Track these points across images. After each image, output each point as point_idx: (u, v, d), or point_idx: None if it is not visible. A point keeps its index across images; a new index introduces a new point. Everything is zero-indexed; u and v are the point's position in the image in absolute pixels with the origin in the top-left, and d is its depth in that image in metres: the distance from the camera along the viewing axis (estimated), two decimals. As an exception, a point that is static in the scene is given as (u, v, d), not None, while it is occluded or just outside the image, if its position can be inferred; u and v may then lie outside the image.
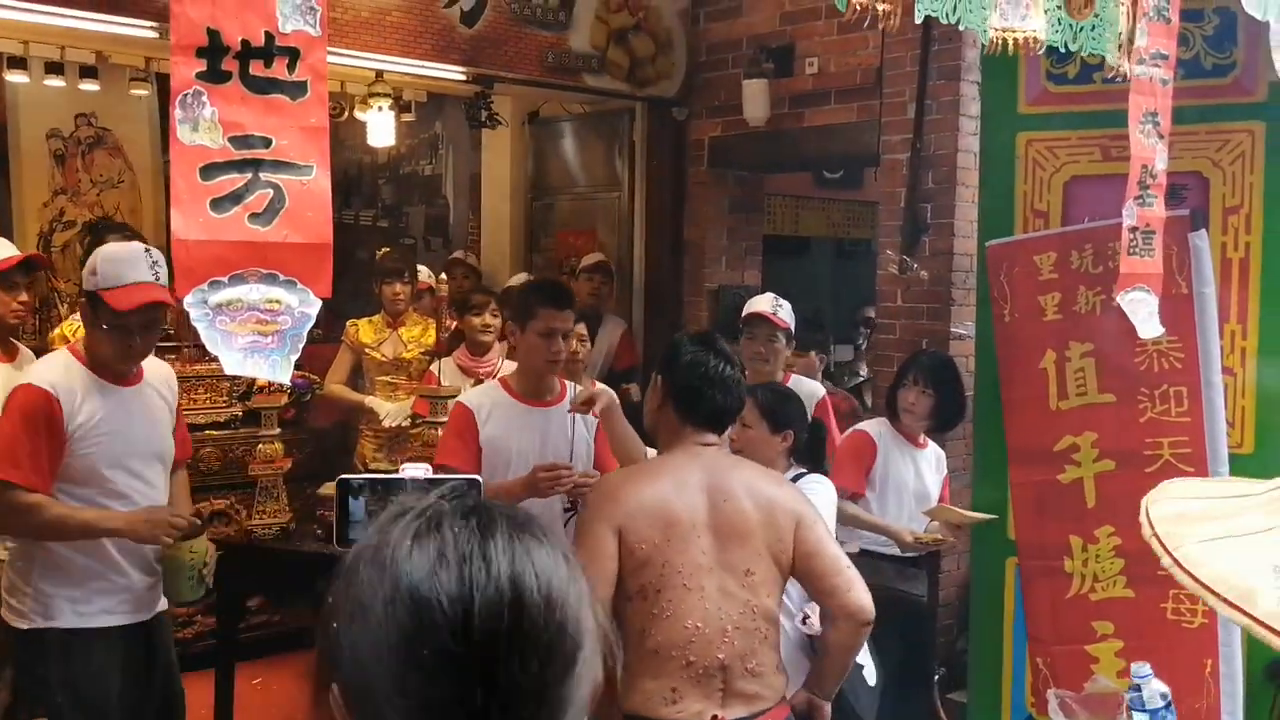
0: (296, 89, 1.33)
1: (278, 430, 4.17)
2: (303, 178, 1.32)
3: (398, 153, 9.23)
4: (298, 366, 5.41)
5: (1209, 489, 1.51)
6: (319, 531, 3.99)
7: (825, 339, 6.48)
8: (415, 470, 1.63)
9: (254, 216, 1.30)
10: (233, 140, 1.30)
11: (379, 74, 5.77)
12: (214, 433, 4.97)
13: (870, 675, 3.31)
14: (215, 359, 4.60)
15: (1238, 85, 3.57)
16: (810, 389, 4.29)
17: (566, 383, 3.57)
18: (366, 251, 7.18)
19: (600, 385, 3.40)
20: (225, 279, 1.27)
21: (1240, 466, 3.46)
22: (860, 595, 2.58)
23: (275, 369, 1.31)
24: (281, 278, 1.28)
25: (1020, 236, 3.81)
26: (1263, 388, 3.55)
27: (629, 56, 5.97)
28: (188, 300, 1.28)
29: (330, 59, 5.17)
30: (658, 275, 6.42)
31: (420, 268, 6.16)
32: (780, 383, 4.25)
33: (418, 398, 4.69)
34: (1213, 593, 1.29)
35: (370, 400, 5.23)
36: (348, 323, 5.48)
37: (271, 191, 1.31)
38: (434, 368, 5.09)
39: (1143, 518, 1.43)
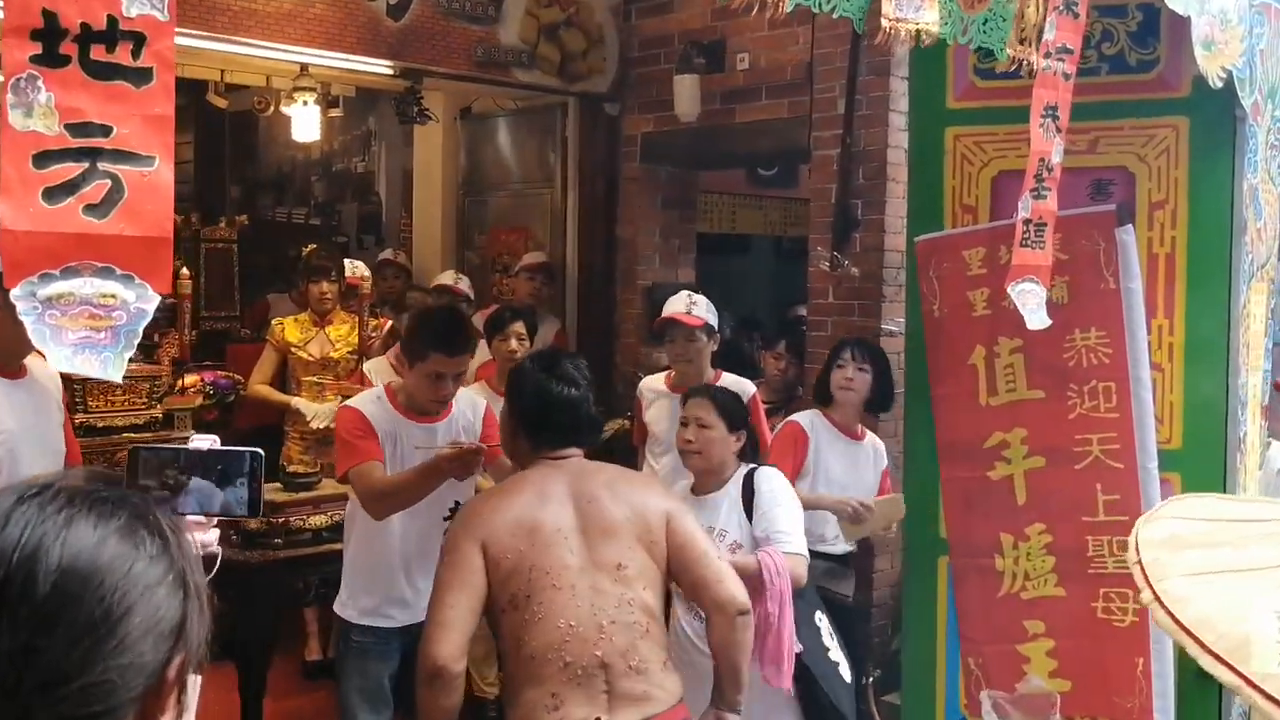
0: (140, 76, 1.24)
1: (193, 433, 4.05)
2: (144, 169, 1.23)
3: (330, 149, 9.11)
4: (221, 366, 5.24)
5: (1217, 508, 1.26)
6: (234, 536, 3.87)
7: (758, 339, 6.41)
8: (201, 441, 1.66)
9: (90, 208, 1.21)
10: (70, 128, 1.20)
11: (304, 67, 5.64)
12: (132, 435, 4.81)
13: (845, 672, 3.31)
14: (134, 358, 4.45)
15: (1161, 81, 3.55)
16: (741, 387, 4.24)
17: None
18: (298, 250, 7.06)
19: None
20: (57, 271, 1.19)
21: (1169, 462, 3.44)
22: (730, 587, 2.57)
23: (107, 366, 1.22)
24: (118, 272, 1.20)
25: (949, 231, 3.76)
26: (1190, 383, 3.53)
27: (560, 51, 5.89)
28: (15, 293, 1.19)
29: (253, 51, 5.04)
30: (591, 272, 6.35)
31: (358, 264, 6.08)
32: (712, 382, 4.21)
33: (340, 399, 4.59)
34: (1195, 640, 1.06)
35: (296, 401, 5.12)
36: (273, 321, 5.38)
37: (110, 182, 1.21)
38: (365, 367, 5.00)
39: (1131, 539, 1.20)
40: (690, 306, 4.14)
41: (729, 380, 4.25)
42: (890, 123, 4.89)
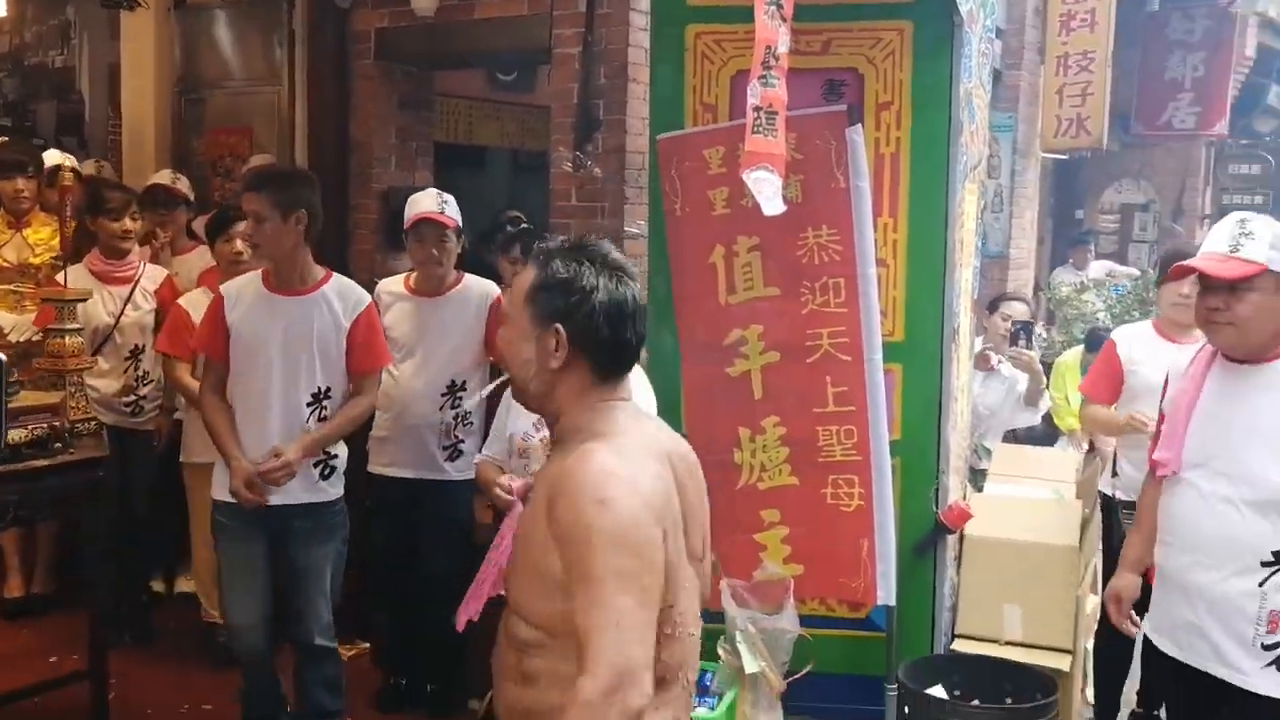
0: None
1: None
2: None
3: (21, 41, 8.25)
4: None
5: None
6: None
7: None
8: None
9: None
10: None
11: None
12: None
13: None
14: None
15: (887, -16, 3.65)
16: (485, 288, 4.17)
17: (333, 275, 3.63)
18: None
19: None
20: None
21: (892, 354, 3.61)
22: None
23: None
24: None
25: (689, 130, 3.77)
26: (912, 278, 3.70)
27: (285, -66, 5.49)
28: None
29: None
30: (323, 176, 5.87)
31: (68, 156, 5.53)
32: (454, 285, 4.10)
33: (41, 303, 4.20)
34: None
35: (-8, 312, 4.65)
36: (-41, 223, 4.82)
37: None
38: (60, 276, 4.60)
39: None
40: (443, 205, 4.01)
41: (472, 281, 4.15)
42: (631, 21, 4.82)
